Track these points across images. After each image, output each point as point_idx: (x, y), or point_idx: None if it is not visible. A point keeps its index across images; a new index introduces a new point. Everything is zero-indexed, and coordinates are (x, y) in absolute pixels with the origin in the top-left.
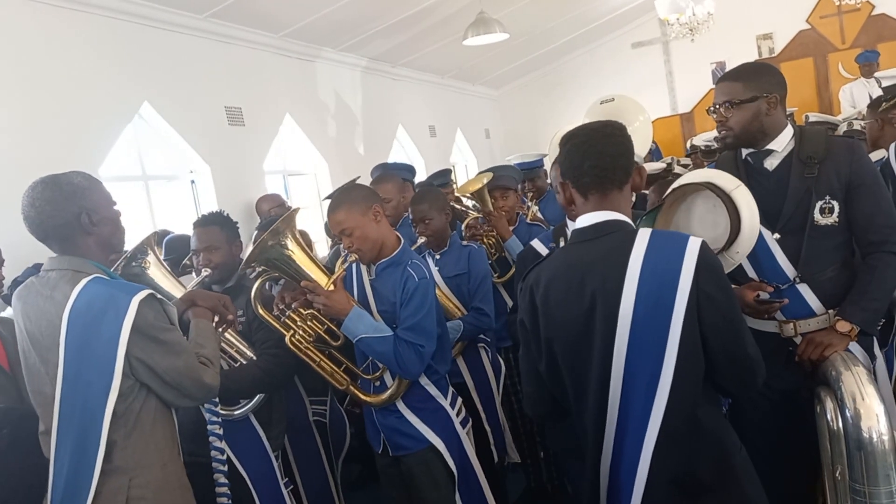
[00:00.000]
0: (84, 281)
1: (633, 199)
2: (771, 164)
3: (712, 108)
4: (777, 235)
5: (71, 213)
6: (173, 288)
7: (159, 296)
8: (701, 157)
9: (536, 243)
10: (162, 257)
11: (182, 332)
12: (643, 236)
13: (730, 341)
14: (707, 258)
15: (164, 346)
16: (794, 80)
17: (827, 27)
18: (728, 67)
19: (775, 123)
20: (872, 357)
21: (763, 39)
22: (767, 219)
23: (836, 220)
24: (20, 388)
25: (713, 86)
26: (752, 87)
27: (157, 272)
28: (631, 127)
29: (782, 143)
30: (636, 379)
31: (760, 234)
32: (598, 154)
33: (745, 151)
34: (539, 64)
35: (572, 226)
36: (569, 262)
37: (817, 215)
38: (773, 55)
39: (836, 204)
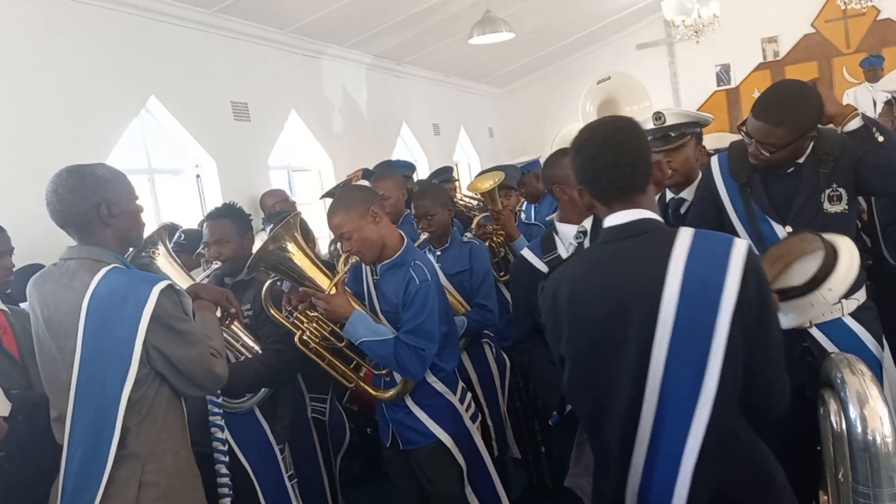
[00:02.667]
0: (104, 270)
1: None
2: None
3: (745, 134)
4: (789, 228)
5: (90, 203)
6: (181, 279)
7: (177, 286)
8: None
9: (528, 254)
10: (172, 245)
11: None
12: (685, 235)
13: (759, 354)
14: (754, 261)
15: (181, 337)
16: None
17: (832, 31)
18: (733, 70)
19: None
20: (882, 345)
21: (768, 42)
22: (779, 212)
23: (845, 207)
24: (30, 377)
25: (717, 88)
26: (793, 132)
27: (165, 263)
28: (632, 107)
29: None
30: (676, 388)
31: (773, 230)
32: (614, 166)
33: None
34: (543, 63)
35: (563, 228)
36: (598, 262)
37: (826, 203)
38: (777, 58)
39: (843, 192)
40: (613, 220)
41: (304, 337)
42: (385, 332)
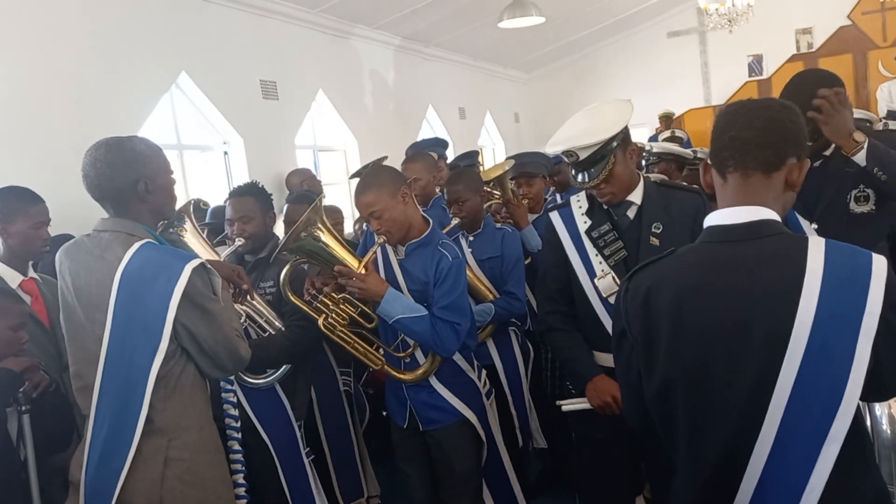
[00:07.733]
0: (137, 245)
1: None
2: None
3: None
4: (815, 225)
5: (129, 179)
6: (208, 257)
7: (208, 266)
8: None
9: (555, 217)
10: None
11: None
12: (818, 245)
13: None
14: (894, 279)
15: (209, 316)
16: None
17: (868, 24)
18: (765, 61)
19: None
20: None
21: (802, 34)
22: (807, 207)
23: (873, 207)
24: (59, 344)
25: (749, 79)
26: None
27: (192, 239)
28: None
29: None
30: (803, 418)
31: (799, 224)
32: (742, 124)
33: None
34: (572, 50)
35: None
36: (713, 264)
37: (852, 204)
38: (811, 50)
39: (871, 192)
40: (726, 217)
41: (330, 321)
42: (421, 309)
